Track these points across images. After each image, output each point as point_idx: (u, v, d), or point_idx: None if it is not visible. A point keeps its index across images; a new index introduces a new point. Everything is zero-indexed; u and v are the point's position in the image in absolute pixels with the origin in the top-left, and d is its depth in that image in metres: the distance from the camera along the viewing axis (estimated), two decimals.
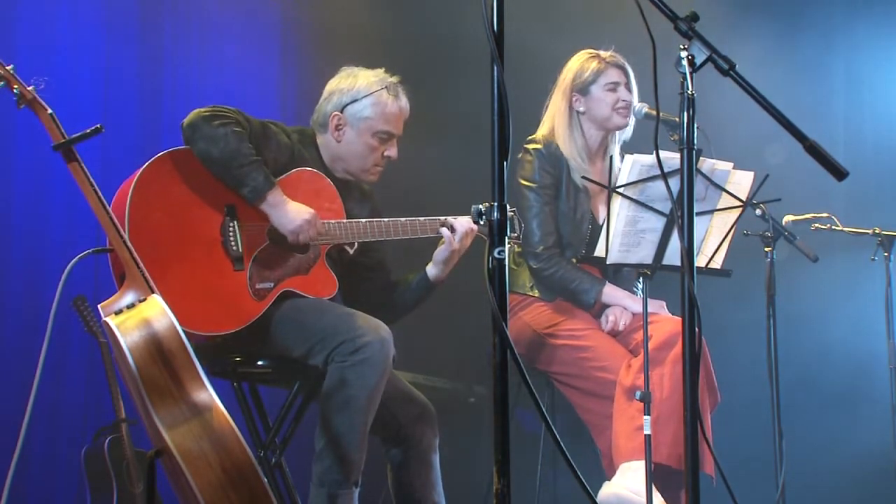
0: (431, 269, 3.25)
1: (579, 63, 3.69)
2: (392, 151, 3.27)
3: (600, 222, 3.64)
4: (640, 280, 3.27)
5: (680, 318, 3.38)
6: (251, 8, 4.83)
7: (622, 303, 3.57)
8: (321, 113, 3.28)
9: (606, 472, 3.41)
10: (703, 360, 3.36)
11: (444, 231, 3.17)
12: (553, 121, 3.69)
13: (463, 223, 3.17)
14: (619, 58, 3.67)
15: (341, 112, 3.24)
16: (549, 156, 3.61)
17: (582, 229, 3.63)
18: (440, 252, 3.22)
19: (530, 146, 3.63)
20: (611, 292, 3.57)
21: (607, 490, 3.23)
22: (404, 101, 3.28)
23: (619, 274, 3.67)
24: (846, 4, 5.47)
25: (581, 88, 3.66)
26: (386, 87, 3.24)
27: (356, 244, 3.21)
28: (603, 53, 3.68)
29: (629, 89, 3.64)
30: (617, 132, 3.70)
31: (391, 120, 3.25)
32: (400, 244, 3.23)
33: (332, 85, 3.30)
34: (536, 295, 3.63)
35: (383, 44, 4.82)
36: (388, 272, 3.38)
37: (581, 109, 3.66)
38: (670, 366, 3.29)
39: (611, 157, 3.30)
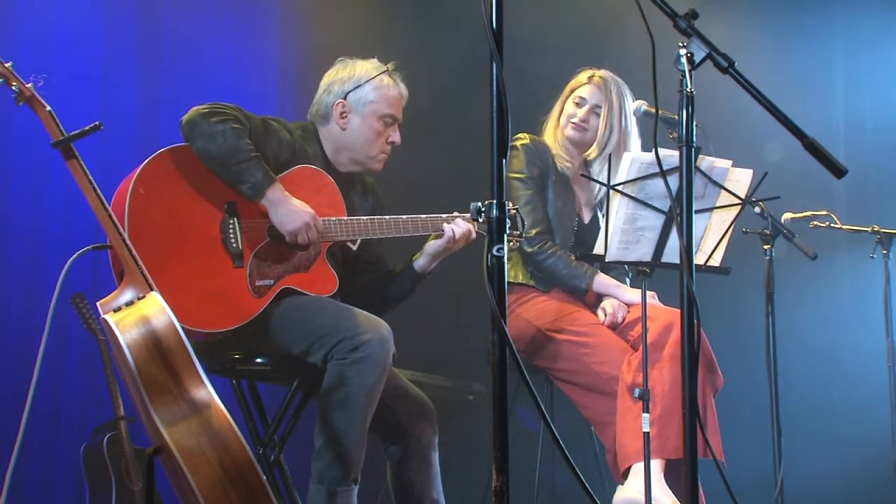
0: (420, 261, 3.25)
1: (576, 76, 3.83)
2: (395, 137, 3.28)
3: (586, 221, 3.76)
4: (634, 276, 3.28)
5: (674, 309, 3.43)
6: (250, 4, 4.83)
7: (614, 293, 3.61)
8: (322, 105, 3.29)
9: (611, 469, 3.41)
10: (701, 345, 3.36)
11: (447, 227, 3.17)
12: (547, 124, 3.85)
13: (465, 225, 3.17)
14: (610, 82, 3.74)
15: (344, 99, 3.24)
16: (536, 149, 3.73)
17: (569, 221, 3.70)
18: (433, 245, 3.22)
19: (517, 142, 3.74)
20: (602, 280, 3.62)
21: (621, 495, 3.22)
22: (403, 87, 3.32)
23: (610, 265, 3.68)
24: (846, 3, 5.47)
25: (566, 95, 3.82)
26: (386, 71, 3.27)
27: (358, 241, 3.21)
28: (597, 72, 3.78)
29: (597, 113, 3.71)
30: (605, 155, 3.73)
31: (394, 103, 3.28)
32: (402, 239, 3.23)
33: (331, 76, 3.31)
34: (532, 284, 3.64)
35: (384, 40, 4.81)
36: (385, 266, 3.38)
37: (562, 117, 3.81)
38: (668, 359, 3.30)
39: (609, 156, 3.31)
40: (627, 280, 3.77)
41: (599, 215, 3.78)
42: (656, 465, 3.15)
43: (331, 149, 3.29)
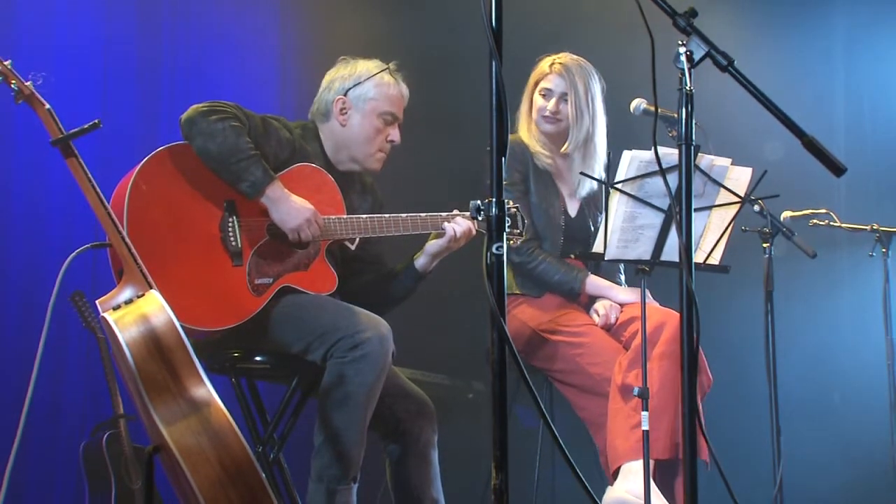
0: (421, 260, 3.25)
1: (538, 66, 3.76)
2: (395, 135, 3.29)
3: (573, 215, 3.72)
4: (634, 274, 3.28)
5: (666, 309, 3.43)
6: (249, 4, 4.82)
7: (606, 293, 3.60)
8: (322, 102, 3.29)
9: (604, 469, 3.41)
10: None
11: (448, 226, 3.17)
12: (520, 122, 3.80)
13: (465, 223, 3.17)
14: (573, 67, 3.68)
15: (345, 96, 3.25)
16: (514, 152, 3.66)
17: (556, 220, 3.67)
18: (434, 245, 3.21)
19: None
20: (593, 282, 3.61)
21: (611, 495, 3.22)
22: (404, 87, 3.32)
23: (601, 264, 3.68)
24: (846, 1, 5.47)
25: (530, 89, 3.76)
26: (387, 69, 3.28)
27: (357, 241, 3.21)
28: (556, 58, 3.72)
29: (565, 100, 3.66)
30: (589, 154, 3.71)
31: (394, 101, 3.28)
32: (401, 238, 3.23)
33: (332, 74, 3.32)
34: (519, 292, 3.64)
35: (381, 40, 4.82)
36: (384, 266, 3.39)
37: (531, 110, 3.76)
38: (658, 359, 3.30)
39: (609, 153, 3.31)
40: (622, 278, 3.76)
41: (585, 209, 3.76)
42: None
43: (331, 147, 3.29)
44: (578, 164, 3.66)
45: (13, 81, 2.63)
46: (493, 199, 1.96)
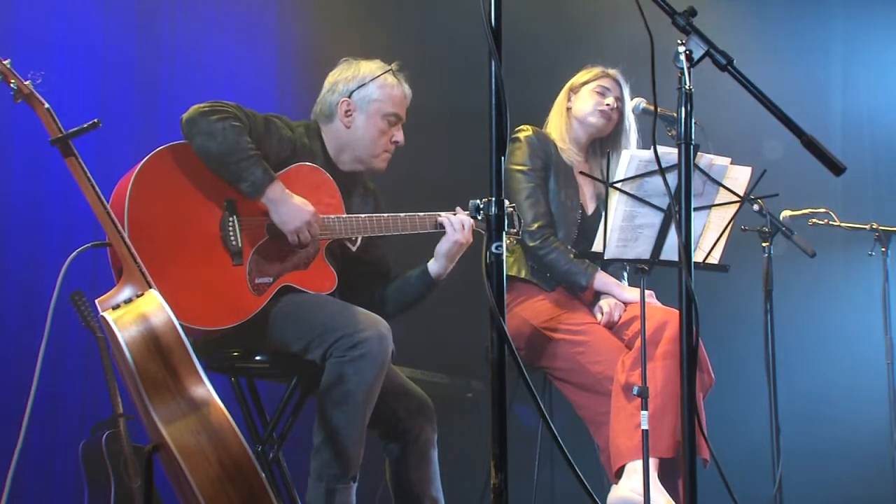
0: (433, 265, 3.25)
1: (585, 70, 3.84)
2: (399, 136, 3.29)
3: (589, 213, 3.73)
4: (633, 273, 3.28)
5: (668, 308, 3.44)
6: (249, 4, 4.82)
7: (612, 291, 3.61)
8: (326, 104, 3.29)
9: (605, 468, 3.41)
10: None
11: (444, 221, 3.17)
12: (551, 118, 3.84)
13: (459, 219, 3.17)
14: (621, 78, 3.78)
15: (349, 98, 3.25)
16: (539, 141, 3.72)
17: (573, 214, 3.69)
18: (443, 246, 3.21)
19: (520, 134, 3.73)
20: (601, 278, 3.61)
21: (615, 494, 3.23)
22: (407, 87, 3.33)
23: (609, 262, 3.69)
24: (844, 1, 5.48)
25: (575, 87, 3.81)
26: (390, 70, 3.28)
27: (358, 241, 3.21)
28: (609, 70, 3.80)
29: (620, 103, 3.74)
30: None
31: (398, 102, 3.29)
32: (401, 240, 3.23)
33: (335, 75, 3.32)
34: (534, 281, 3.63)
35: (380, 38, 4.81)
36: (388, 267, 3.38)
37: (570, 106, 3.80)
38: (661, 359, 3.30)
39: (608, 153, 3.31)
40: (625, 276, 3.77)
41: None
42: (651, 464, 3.14)
43: (333, 147, 3.29)
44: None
45: (12, 80, 2.63)
46: (493, 199, 1.96)
